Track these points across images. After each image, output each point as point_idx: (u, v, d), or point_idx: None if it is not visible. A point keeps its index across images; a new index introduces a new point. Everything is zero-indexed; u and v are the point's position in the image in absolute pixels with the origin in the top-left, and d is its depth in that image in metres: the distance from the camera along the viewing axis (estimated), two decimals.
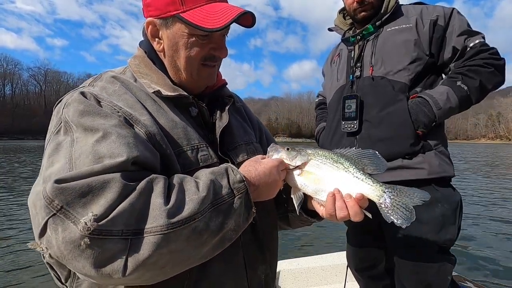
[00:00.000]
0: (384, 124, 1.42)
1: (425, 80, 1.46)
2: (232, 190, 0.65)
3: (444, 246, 1.36)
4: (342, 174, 0.75)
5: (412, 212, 0.73)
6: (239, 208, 0.65)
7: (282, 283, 2.34)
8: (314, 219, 0.92)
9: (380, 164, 0.78)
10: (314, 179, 0.76)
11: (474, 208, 6.97)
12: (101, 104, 0.68)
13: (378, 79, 1.46)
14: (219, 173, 0.67)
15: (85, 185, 0.52)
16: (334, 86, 1.68)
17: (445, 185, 1.40)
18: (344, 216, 0.74)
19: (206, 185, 0.62)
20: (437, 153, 1.40)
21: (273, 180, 0.74)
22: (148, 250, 0.53)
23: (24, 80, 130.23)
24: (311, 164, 0.77)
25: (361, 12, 1.52)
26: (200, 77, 0.81)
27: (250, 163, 0.76)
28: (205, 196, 0.61)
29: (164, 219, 0.54)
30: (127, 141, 0.61)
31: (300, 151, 0.78)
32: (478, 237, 5.01)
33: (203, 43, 0.76)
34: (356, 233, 1.72)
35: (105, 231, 0.50)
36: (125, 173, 0.57)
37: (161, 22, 0.76)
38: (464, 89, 1.34)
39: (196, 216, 0.58)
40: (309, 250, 4.42)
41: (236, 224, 0.65)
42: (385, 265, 1.66)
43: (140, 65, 0.81)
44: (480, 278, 3.48)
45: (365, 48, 1.54)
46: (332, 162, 0.77)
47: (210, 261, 0.66)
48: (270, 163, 0.75)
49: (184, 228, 0.56)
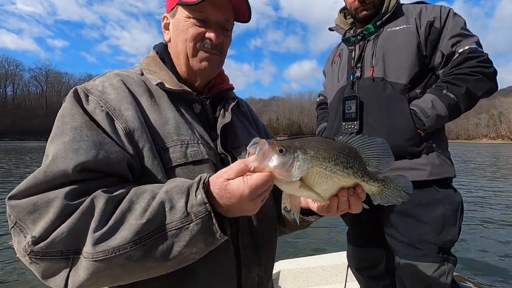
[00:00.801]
0: (385, 125, 1.41)
1: (426, 81, 1.46)
2: (189, 214, 0.57)
3: (445, 246, 1.36)
4: (343, 177, 0.65)
5: (397, 199, 0.72)
6: (198, 234, 0.58)
7: (282, 283, 2.33)
8: (310, 218, 0.84)
9: (386, 157, 0.72)
10: (314, 188, 0.62)
11: (474, 208, 6.95)
12: (89, 98, 0.70)
13: (379, 80, 1.45)
14: (179, 191, 0.60)
15: (31, 204, 0.55)
16: (335, 87, 1.67)
17: (446, 186, 1.40)
18: (344, 210, 0.70)
19: (155, 207, 0.57)
20: (439, 154, 1.40)
21: (249, 209, 0.60)
22: (85, 273, 0.54)
23: (26, 81, 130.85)
24: (314, 173, 0.60)
25: (363, 11, 1.51)
26: (194, 60, 0.82)
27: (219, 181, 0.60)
28: (147, 222, 0.56)
29: (90, 247, 0.53)
30: (78, 146, 0.61)
31: (297, 154, 0.58)
32: (478, 237, 4.99)
33: (199, 26, 0.80)
34: (356, 233, 1.72)
35: (42, 252, 0.53)
36: (70, 189, 0.57)
37: (170, 14, 0.85)
38: (451, 97, 1.34)
39: (129, 246, 0.54)
40: (309, 250, 4.42)
41: (195, 249, 0.59)
42: (385, 265, 1.65)
43: (151, 63, 0.85)
44: (480, 278, 3.47)
45: (365, 48, 1.53)
46: (334, 164, 0.63)
47: (195, 262, 0.65)
48: (241, 191, 0.55)
49: (115, 257, 0.53)
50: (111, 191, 0.60)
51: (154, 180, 0.68)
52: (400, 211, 1.42)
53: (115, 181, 0.64)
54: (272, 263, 0.91)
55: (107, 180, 0.63)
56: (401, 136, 1.38)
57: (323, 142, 0.63)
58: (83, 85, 0.75)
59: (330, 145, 0.63)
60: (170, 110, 0.78)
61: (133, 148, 0.68)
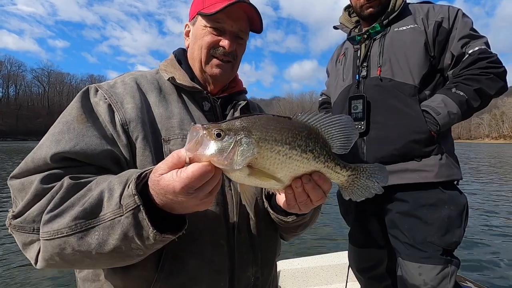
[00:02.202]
0: (396, 126, 1.39)
1: (435, 82, 1.45)
2: (121, 206, 0.55)
3: (449, 248, 1.35)
4: (302, 162, 0.55)
5: (370, 191, 0.62)
6: (129, 228, 0.55)
7: (282, 283, 2.33)
8: (286, 218, 0.78)
9: (351, 135, 0.59)
10: (268, 174, 0.53)
11: (474, 208, 6.93)
12: (98, 92, 0.78)
13: (387, 81, 1.43)
14: (120, 181, 0.58)
15: (20, 185, 0.64)
16: (340, 86, 1.65)
17: (451, 188, 1.39)
18: (304, 203, 0.63)
19: (94, 196, 0.57)
20: (447, 156, 1.39)
21: (190, 205, 0.54)
22: (42, 251, 0.60)
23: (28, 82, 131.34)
24: (263, 157, 0.51)
25: (368, 9, 1.49)
26: (208, 66, 0.88)
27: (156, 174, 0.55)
28: (83, 210, 0.56)
29: (41, 226, 0.58)
30: (61, 137, 0.67)
31: (239, 137, 0.49)
32: (478, 237, 4.97)
33: (215, 34, 0.86)
34: (358, 233, 1.71)
35: (18, 227, 0.61)
36: (47, 173, 0.63)
37: (191, 22, 0.92)
38: (461, 94, 1.33)
39: (65, 230, 0.56)
40: (309, 250, 4.41)
41: (134, 245, 0.56)
42: (386, 266, 1.64)
43: (168, 65, 0.92)
44: (481, 278, 3.46)
45: (371, 48, 1.51)
46: (289, 148, 0.53)
47: (183, 257, 0.68)
48: (172, 186, 0.50)
49: (55, 239, 0.57)
50: (79, 178, 0.63)
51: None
52: (404, 212, 1.40)
53: (93, 171, 0.67)
54: (270, 266, 0.89)
55: (85, 169, 0.67)
56: (413, 137, 1.36)
57: (274, 121, 0.53)
58: (99, 83, 0.82)
59: (284, 125, 0.53)
60: (177, 106, 0.83)
61: (126, 138, 0.72)
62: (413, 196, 1.38)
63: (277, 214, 0.80)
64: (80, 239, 0.56)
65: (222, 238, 0.76)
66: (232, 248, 0.77)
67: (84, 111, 0.72)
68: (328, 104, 1.94)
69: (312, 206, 0.65)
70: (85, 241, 0.56)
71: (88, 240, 0.56)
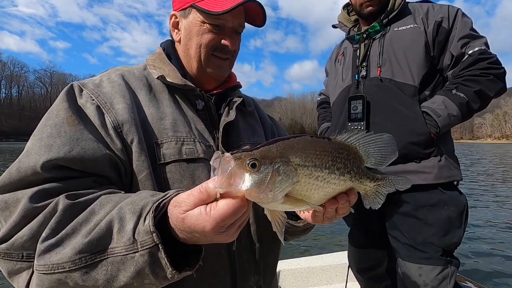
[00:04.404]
0: (395, 127, 1.38)
1: (434, 82, 1.44)
2: (135, 241, 0.48)
3: (449, 249, 1.34)
4: (339, 185, 0.53)
5: (385, 197, 0.62)
6: (145, 266, 0.48)
7: (282, 283, 2.32)
8: (298, 223, 0.78)
9: (390, 154, 0.58)
10: (303, 201, 0.49)
11: (475, 208, 6.90)
12: (82, 92, 0.69)
13: (387, 81, 1.43)
14: (132, 210, 0.51)
15: (3, 202, 0.55)
16: (339, 86, 1.64)
17: (452, 188, 1.39)
18: (331, 219, 0.62)
19: (102, 226, 0.50)
20: (447, 157, 1.39)
21: (220, 240, 0.49)
22: (35, 283, 0.52)
23: (30, 83, 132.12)
24: (301, 184, 0.47)
25: (368, 7, 1.48)
26: (208, 67, 0.81)
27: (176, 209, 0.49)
28: (90, 242, 0.49)
29: (36, 258, 0.50)
30: (52, 142, 0.58)
31: (278, 164, 0.44)
32: (478, 237, 4.94)
33: (215, 32, 0.78)
34: (358, 233, 1.70)
35: (3, 253, 0.53)
36: (37, 189, 0.55)
37: (181, 13, 0.81)
38: (461, 96, 1.32)
39: (67, 265, 0.48)
40: (309, 250, 4.40)
41: (148, 281, 0.50)
42: (386, 267, 1.64)
43: (156, 60, 0.84)
44: (481, 278, 3.45)
45: (371, 47, 1.50)
46: (328, 173, 0.50)
47: None
48: (202, 226, 0.44)
49: (54, 274, 0.49)
50: (77, 196, 0.55)
51: (140, 177, 0.65)
52: (404, 213, 1.40)
53: (91, 182, 0.60)
54: (271, 273, 0.86)
55: (82, 180, 0.59)
56: (412, 139, 1.35)
57: (313, 143, 0.49)
58: (81, 80, 0.74)
59: (323, 147, 0.49)
60: (169, 105, 0.76)
61: (120, 142, 0.65)
62: (413, 197, 1.38)
63: (287, 219, 0.77)
64: (85, 274, 0.49)
65: (222, 248, 0.72)
66: (232, 257, 0.74)
67: (73, 112, 0.64)
68: (327, 104, 1.93)
69: (336, 219, 0.62)
70: (90, 276, 0.49)
71: (94, 276, 0.49)
